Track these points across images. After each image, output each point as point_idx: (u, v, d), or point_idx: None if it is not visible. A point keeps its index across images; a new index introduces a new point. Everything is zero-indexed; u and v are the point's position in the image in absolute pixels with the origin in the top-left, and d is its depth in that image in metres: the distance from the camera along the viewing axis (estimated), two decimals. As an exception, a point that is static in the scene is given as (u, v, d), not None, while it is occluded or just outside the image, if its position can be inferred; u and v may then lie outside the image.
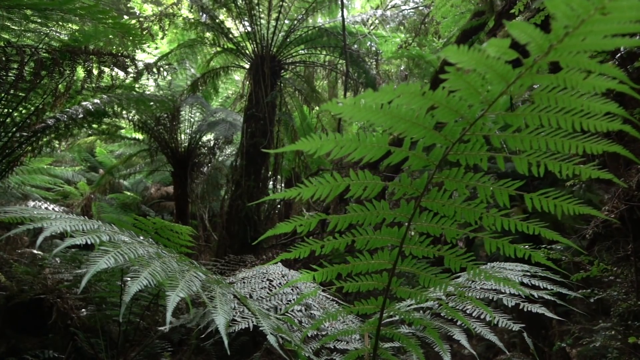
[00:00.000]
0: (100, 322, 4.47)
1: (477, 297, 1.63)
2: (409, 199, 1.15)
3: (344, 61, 9.38)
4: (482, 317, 1.67)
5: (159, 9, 9.83)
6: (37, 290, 4.89)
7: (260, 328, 1.26)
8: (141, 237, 1.47)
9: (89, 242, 1.11)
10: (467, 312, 1.70)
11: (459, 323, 1.66)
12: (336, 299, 2.17)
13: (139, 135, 11.48)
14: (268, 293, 2.06)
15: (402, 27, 10.77)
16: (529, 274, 1.68)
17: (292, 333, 1.64)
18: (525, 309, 1.71)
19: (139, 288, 1.03)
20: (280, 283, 2.19)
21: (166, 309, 1.03)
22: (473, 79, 0.80)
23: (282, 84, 9.47)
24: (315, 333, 1.88)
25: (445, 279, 1.38)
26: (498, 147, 0.92)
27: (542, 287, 1.69)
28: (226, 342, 1.12)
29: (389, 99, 0.83)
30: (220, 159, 12.45)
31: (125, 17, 7.34)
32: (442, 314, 1.73)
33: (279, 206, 11.85)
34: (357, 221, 1.22)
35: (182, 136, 10.47)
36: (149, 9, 12.00)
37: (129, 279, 1.18)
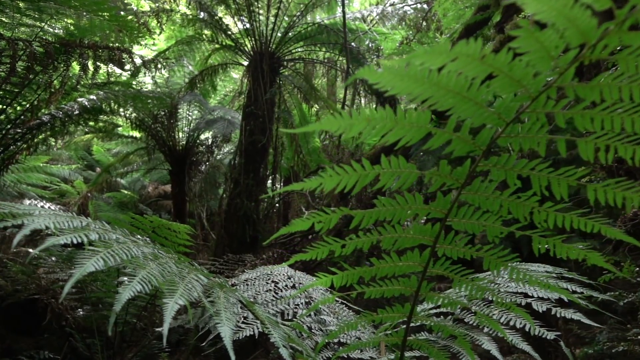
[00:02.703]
0: (96, 323, 4.39)
1: (502, 300, 1.51)
2: (445, 192, 1.02)
3: (343, 58, 9.28)
4: (510, 323, 1.55)
5: (156, 5, 9.70)
6: (32, 290, 4.79)
7: (272, 340, 1.14)
8: (137, 236, 1.35)
9: (74, 241, 0.99)
10: (493, 317, 1.57)
11: (485, 330, 1.55)
12: (345, 302, 2.05)
13: (136, 134, 11.39)
14: (274, 297, 1.94)
15: (403, 24, 10.67)
16: (554, 275, 1.56)
17: (302, 341, 1.51)
18: (559, 314, 1.60)
19: (132, 295, 0.91)
20: (286, 285, 2.07)
21: (164, 313, 0.91)
22: (548, 38, 0.66)
23: (281, 81, 9.36)
24: (326, 340, 1.75)
25: (480, 282, 1.24)
26: (562, 127, 0.79)
27: (571, 290, 1.57)
28: (233, 357, 0.99)
29: (442, 62, 0.69)
30: (218, 157, 12.34)
31: (122, 13, 7.21)
32: (465, 320, 1.61)
33: (277, 205, 11.75)
34: (384, 217, 1.10)
35: (180, 134, 10.37)
36: (146, 6, 11.87)
37: (125, 278, 1.06)
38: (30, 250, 6.39)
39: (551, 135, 0.82)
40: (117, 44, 6.12)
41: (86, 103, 6.95)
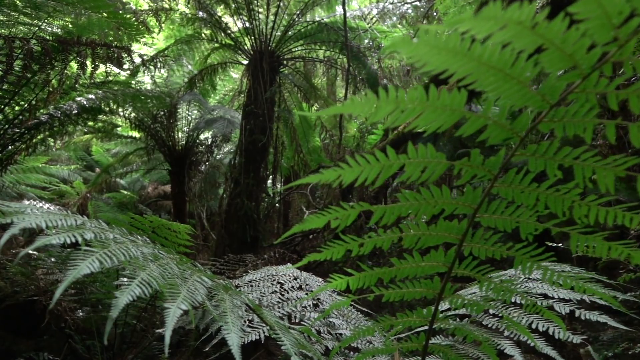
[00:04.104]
0: (96, 324, 4.35)
1: (518, 301, 1.44)
2: (475, 184, 0.94)
3: (343, 56, 9.23)
4: (532, 325, 1.48)
5: (155, 4, 9.63)
6: (31, 292, 4.75)
7: (283, 348, 1.06)
8: (136, 236, 1.29)
9: (68, 241, 0.92)
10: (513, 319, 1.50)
11: (505, 333, 1.47)
12: (351, 303, 1.98)
13: (136, 134, 11.35)
14: (280, 299, 1.86)
15: (403, 21, 10.61)
16: (572, 275, 1.48)
17: (312, 346, 1.44)
18: (583, 316, 1.52)
19: (130, 300, 0.84)
20: (292, 287, 1.99)
21: (165, 318, 0.84)
22: (612, 2, 0.56)
23: (281, 80, 9.30)
24: (336, 344, 1.67)
25: (509, 284, 1.16)
26: (615, 109, 0.72)
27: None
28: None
29: (489, 30, 0.60)
30: (218, 157, 12.29)
31: (121, 12, 7.16)
32: (483, 322, 1.54)
33: (277, 205, 11.70)
34: (407, 213, 1.02)
35: (180, 134, 10.32)
36: (145, 5, 11.80)
37: (125, 279, 0.99)
38: (30, 251, 6.34)
39: (601, 120, 0.74)
40: (115, 43, 6.06)
41: (85, 102, 6.88)
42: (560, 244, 4.19)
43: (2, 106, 6.11)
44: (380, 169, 0.88)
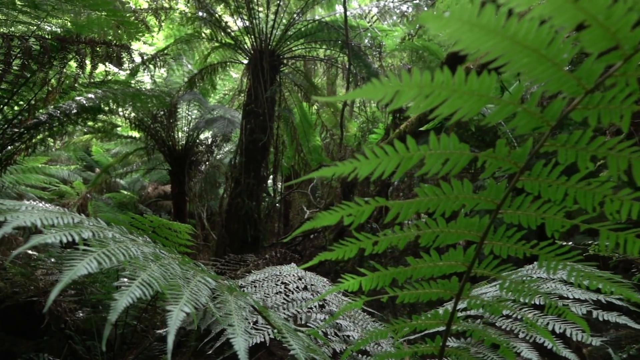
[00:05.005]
0: (96, 325, 4.32)
1: (533, 302, 1.38)
2: (498, 178, 0.89)
3: (344, 55, 9.19)
4: (549, 327, 1.43)
5: (155, 3, 9.60)
6: (30, 292, 4.72)
7: (292, 352, 1.02)
8: (137, 235, 1.24)
9: (64, 239, 0.88)
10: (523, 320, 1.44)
11: (520, 335, 1.42)
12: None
13: (136, 134, 11.32)
14: (285, 299, 1.81)
15: (405, 20, 10.57)
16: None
17: (320, 349, 1.39)
18: (601, 317, 1.47)
19: (129, 302, 0.79)
20: (297, 287, 1.94)
21: (167, 322, 0.80)
22: None
23: (281, 79, 9.26)
24: (343, 347, 1.62)
25: (531, 284, 1.10)
26: None
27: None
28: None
29: (529, 3, 0.55)
30: (218, 156, 12.26)
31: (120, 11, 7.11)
32: (496, 324, 1.49)
33: (277, 205, 11.66)
34: (425, 208, 0.92)
35: (180, 134, 10.28)
36: (144, 4, 11.77)
37: (125, 280, 0.95)
38: (30, 251, 6.30)
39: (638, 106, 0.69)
40: (115, 41, 6.02)
41: (84, 102, 6.84)
42: (564, 242, 4.14)
43: (1, 106, 6.07)
44: (400, 161, 0.82)
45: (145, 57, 6.95)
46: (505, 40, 0.63)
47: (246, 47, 9.05)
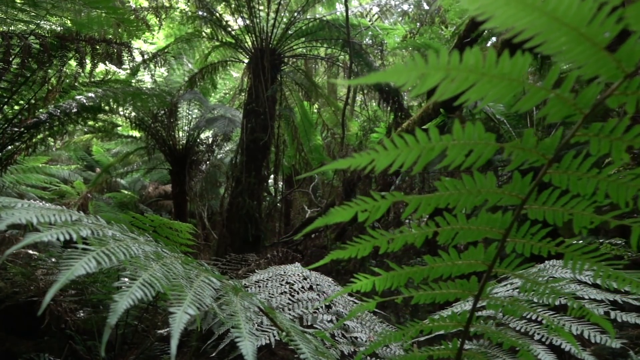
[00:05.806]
0: (96, 325, 4.30)
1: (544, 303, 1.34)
2: (523, 172, 0.84)
3: (345, 54, 9.17)
4: (565, 328, 1.38)
5: (155, 1, 9.57)
6: (31, 292, 4.70)
7: (302, 357, 0.98)
8: (137, 233, 1.21)
9: (62, 237, 0.84)
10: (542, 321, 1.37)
11: (536, 337, 1.38)
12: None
13: (136, 133, 11.30)
14: (290, 300, 1.77)
15: (406, 17, 10.54)
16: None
17: (328, 351, 1.34)
18: (619, 318, 1.43)
19: (130, 304, 0.76)
20: (302, 287, 1.90)
21: (170, 325, 0.76)
22: None
23: (282, 78, 9.23)
24: (351, 349, 1.59)
25: (555, 284, 1.05)
26: None
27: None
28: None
29: None
30: (219, 156, 12.23)
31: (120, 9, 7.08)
32: (510, 325, 1.44)
33: (278, 204, 11.64)
34: (445, 203, 0.88)
35: (180, 133, 10.25)
36: (144, 3, 11.75)
37: (126, 280, 0.91)
38: (30, 251, 6.28)
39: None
40: (115, 40, 5.99)
41: (85, 101, 6.81)
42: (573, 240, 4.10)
43: (1, 105, 6.04)
44: (420, 152, 0.78)
45: (145, 56, 6.92)
46: (544, 17, 0.58)
47: (247, 46, 9.01)
